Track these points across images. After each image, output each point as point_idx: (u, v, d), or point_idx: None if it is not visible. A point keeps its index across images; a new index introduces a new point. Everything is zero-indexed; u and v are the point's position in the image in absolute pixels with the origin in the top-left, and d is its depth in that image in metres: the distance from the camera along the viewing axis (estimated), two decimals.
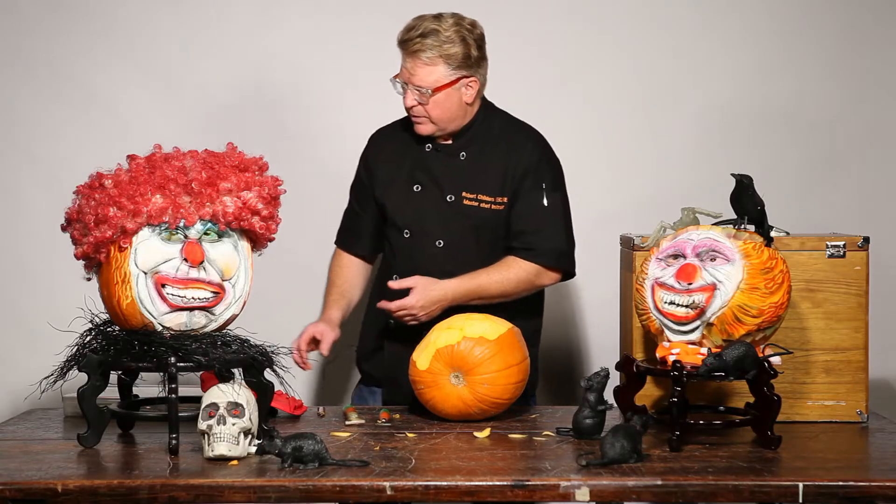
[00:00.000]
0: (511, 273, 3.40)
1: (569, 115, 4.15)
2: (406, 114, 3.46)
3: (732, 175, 3.09)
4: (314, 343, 3.45)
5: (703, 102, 4.17)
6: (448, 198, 3.44)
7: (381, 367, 3.53)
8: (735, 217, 3.07)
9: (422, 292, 3.33)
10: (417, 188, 3.47)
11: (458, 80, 3.38)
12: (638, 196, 4.14)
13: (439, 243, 3.44)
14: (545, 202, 3.43)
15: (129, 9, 4.10)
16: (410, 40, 3.34)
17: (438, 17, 3.38)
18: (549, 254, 3.42)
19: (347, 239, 3.62)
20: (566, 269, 3.47)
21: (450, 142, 3.47)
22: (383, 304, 3.36)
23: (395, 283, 3.37)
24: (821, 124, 4.17)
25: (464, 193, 3.43)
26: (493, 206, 3.42)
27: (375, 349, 3.54)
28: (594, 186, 4.16)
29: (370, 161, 3.56)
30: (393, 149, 3.53)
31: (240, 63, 4.12)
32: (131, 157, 2.97)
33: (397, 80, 3.40)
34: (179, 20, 4.11)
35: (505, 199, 3.42)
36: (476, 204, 3.43)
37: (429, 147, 3.48)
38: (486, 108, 3.52)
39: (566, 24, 4.15)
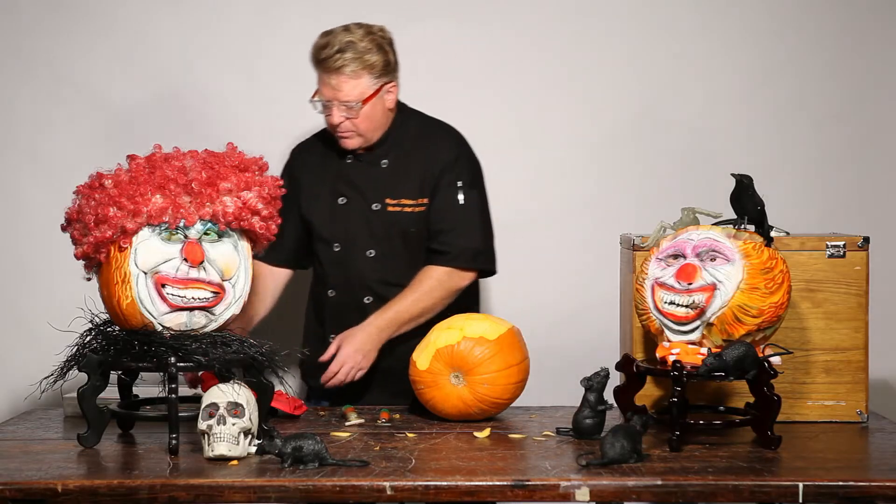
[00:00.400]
0: (425, 286, 3.40)
1: (568, 115, 4.15)
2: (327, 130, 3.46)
3: (732, 175, 3.09)
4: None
5: (703, 102, 4.17)
6: (373, 206, 3.44)
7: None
8: (735, 217, 3.07)
9: (348, 344, 3.34)
10: (342, 200, 3.46)
11: (381, 88, 3.38)
12: (638, 196, 4.14)
13: (370, 253, 3.45)
14: (461, 200, 3.43)
15: (129, 9, 4.10)
16: (330, 58, 3.32)
17: (347, 29, 3.37)
18: (464, 253, 3.42)
19: (270, 253, 3.43)
20: (483, 268, 3.48)
21: (370, 150, 3.46)
22: (325, 378, 3.35)
23: (324, 357, 3.36)
24: (820, 124, 4.17)
25: (387, 200, 3.44)
26: (416, 209, 3.43)
27: (321, 365, 3.46)
28: (594, 186, 4.16)
29: (294, 175, 3.53)
30: (314, 163, 3.52)
31: (240, 63, 4.12)
32: (131, 157, 2.97)
33: (318, 99, 3.38)
34: (179, 20, 4.11)
35: (425, 200, 3.43)
36: (400, 209, 3.43)
37: (350, 158, 3.47)
38: (402, 111, 3.52)
39: (566, 24, 4.15)
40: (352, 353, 3.35)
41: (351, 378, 3.36)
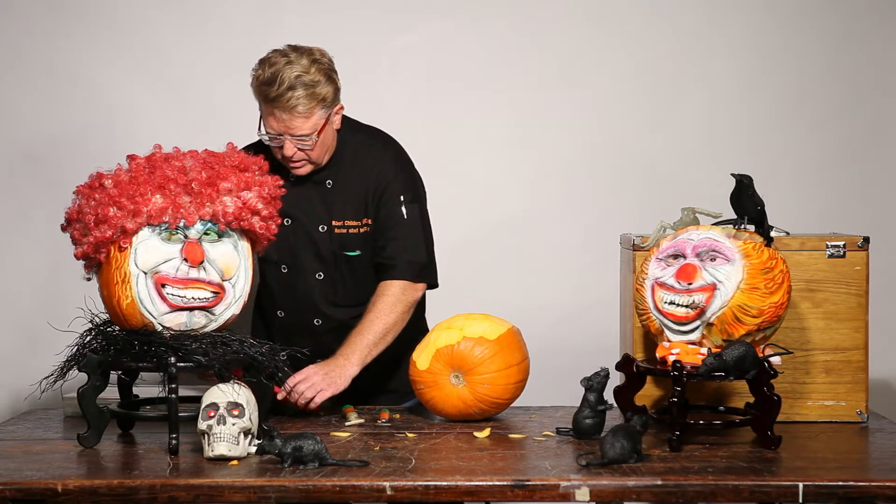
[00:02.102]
0: (385, 304, 3.31)
1: (569, 115, 4.15)
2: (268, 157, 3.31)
3: (732, 175, 3.09)
4: None
5: (703, 102, 4.17)
6: (320, 228, 3.37)
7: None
8: (735, 217, 3.07)
9: (318, 367, 3.22)
10: (288, 222, 3.33)
11: (330, 115, 3.26)
12: (638, 196, 4.14)
13: (319, 275, 3.39)
14: (404, 215, 3.36)
15: (129, 9, 4.10)
16: (281, 96, 3.16)
17: (289, 60, 3.20)
18: (412, 267, 3.36)
19: None
20: (429, 281, 3.41)
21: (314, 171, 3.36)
22: (282, 393, 3.21)
23: (291, 381, 3.21)
24: (821, 124, 4.17)
25: (333, 222, 3.36)
26: (361, 230, 3.36)
27: None
28: (594, 186, 4.16)
29: None
30: None
31: (239, 63, 4.12)
32: (131, 157, 2.97)
33: (267, 133, 3.24)
34: (179, 20, 4.11)
35: (368, 221, 3.36)
36: (345, 231, 3.36)
37: (293, 178, 3.34)
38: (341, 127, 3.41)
39: (566, 24, 4.15)
40: (317, 373, 3.22)
41: (307, 398, 3.20)
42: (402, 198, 3.37)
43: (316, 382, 3.20)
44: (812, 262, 3.19)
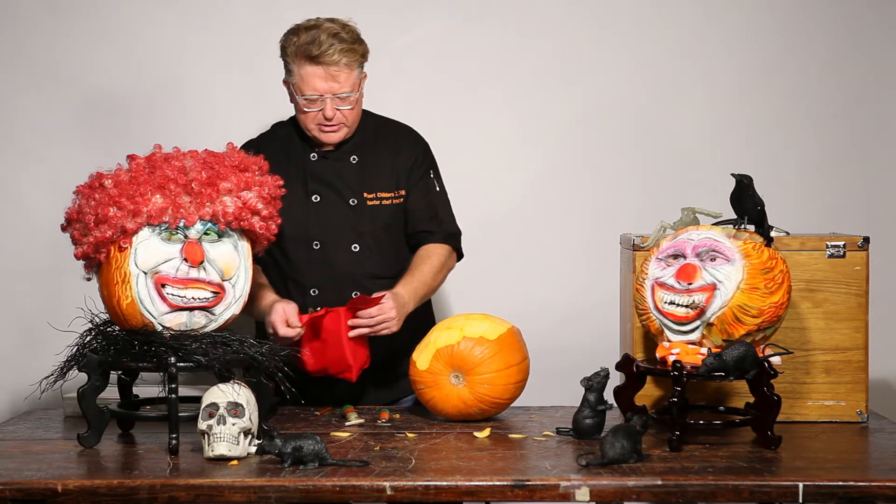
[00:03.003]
0: (435, 261, 3.43)
1: (569, 115, 4.15)
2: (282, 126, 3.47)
3: (732, 175, 3.09)
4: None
5: (703, 102, 4.17)
6: (351, 202, 3.42)
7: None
8: (735, 217, 3.07)
9: (393, 300, 3.28)
10: (316, 198, 3.42)
11: (363, 78, 3.40)
12: (638, 196, 4.14)
13: (355, 247, 3.42)
14: (436, 187, 3.50)
15: (129, 9, 4.10)
16: (325, 52, 3.29)
17: (324, 23, 3.34)
18: (451, 237, 3.49)
19: None
20: (460, 251, 3.54)
21: (332, 147, 3.44)
22: (364, 315, 3.24)
23: (375, 296, 3.26)
24: (821, 124, 4.17)
25: (365, 194, 3.43)
26: (395, 201, 3.45)
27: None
28: (594, 186, 4.16)
29: None
30: (276, 162, 3.36)
31: (239, 63, 4.12)
32: (131, 157, 2.97)
33: (308, 96, 3.33)
34: (179, 20, 4.10)
35: (402, 192, 3.45)
36: (378, 202, 3.44)
37: (314, 156, 3.44)
38: None
39: (566, 23, 4.15)
40: (394, 309, 3.26)
41: (377, 332, 3.26)
42: (430, 172, 3.50)
43: (390, 320, 3.26)
44: (812, 262, 3.19)
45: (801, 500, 2.58)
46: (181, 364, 2.84)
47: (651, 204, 4.07)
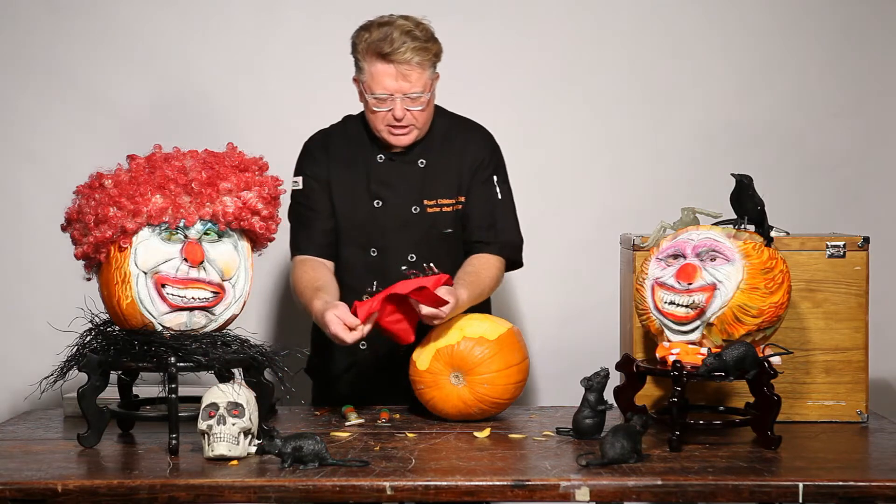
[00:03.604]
0: (492, 271, 3.34)
1: (569, 115, 4.15)
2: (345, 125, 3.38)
3: (732, 175, 3.09)
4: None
5: (703, 102, 4.17)
6: (413, 209, 3.34)
7: (354, 386, 3.43)
8: (735, 217, 3.07)
9: (453, 308, 3.15)
10: (378, 204, 3.34)
11: (434, 79, 3.32)
12: (638, 196, 4.14)
13: (412, 257, 3.35)
14: (499, 195, 3.39)
15: (129, 9, 4.10)
16: (397, 50, 3.20)
17: (397, 20, 3.25)
18: (510, 247, 3.40)
19: (314, 244, 3.36)
20: (520, 261, 3.45)
21: (407, 149, 3.34)
22: (433, 311, 3.11)
23: (440, 296, 3.11)
24: (821, 124, 4.17)
25: (425, 202, 3.35)
26: (455, 208, 3.36)
27: (346, 369, 3.44)
28: (594, 186, 4.16)
29: (319, 171, 3.37)
30: (345, 158, 3.35)
31: (240, 63, 4.13)
32: (131, 157, 2.97)
33: (377, 95, 3.23)
34: (179, 20, 4.11)
35: (462, 199, 3.36)
36: (438, 209, 3.35)
37: (381, 157, 3.35)
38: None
39: (567, 24, 4.15)
40: (447, 313, 3.12)
41: (429, 322, 3.13)
42: (495, 178, 3.39)
43: (444, 315, 3.12)
44: (812, 262, 3.19)
45: (801, 500, 2.58)
46: (181, 364, 2.84)
47: (651, 204, 4.07)
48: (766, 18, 4.17)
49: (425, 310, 3.09)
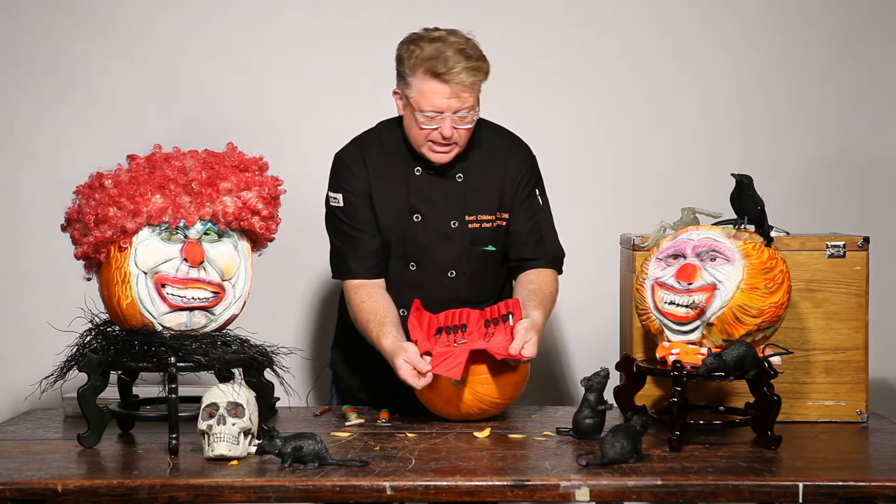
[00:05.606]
0: (554, 285, 3.31)
1: (569, 115, 4.15)
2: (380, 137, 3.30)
3: (732, 175, 3.09)
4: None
5: (703, 102, 4.17)
6: (452, 224, 3.28)
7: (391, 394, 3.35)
8: (735, 217, 3.07)
9: (535, 334, 3.11)
10: (418, 218, 3.27)
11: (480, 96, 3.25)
12: (638, 196, 4.14)
13: (451, 273, 3.30)
14: (542, 209, 3.36)
15: (129, 9, 4.10)
16: (453, 68, 3.11)
17: (447, 36, 3.17)
18: (555, 261, 3.37)
19: (365, 267, 3.28)
20: (561, 271, 3.42)
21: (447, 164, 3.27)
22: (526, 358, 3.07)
23: (521, 358, 3.06)
24: (821, 124, 4.17)
25: (466, 217, 3.28)
26: (496, 223, 3.30)
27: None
28: (594, 186, 4.16)
29: (358, 185, 3.28)
30: (384, 170, 3.29)
31: (240, 62, 4.12)
32: (131, 157, 2.97)
33: (427, 113, 3.14)
34: (179, 21, 4.10)
35: (505, 215, 3.30)
36: (479, 225, 3.29)
37: (418, 171, 3.27)
38: None
39: (567, 24, 4.15)
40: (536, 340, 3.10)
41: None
42: (536, 191, 3.35)
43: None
44: (812, 262, 3.19)
45: (801, 500, 2.58)
46: (181, 364, 2.84)
47: (651, 204, 4.07)
48: (765, 19, 4.16)
49: (513, 361, 3.06)
